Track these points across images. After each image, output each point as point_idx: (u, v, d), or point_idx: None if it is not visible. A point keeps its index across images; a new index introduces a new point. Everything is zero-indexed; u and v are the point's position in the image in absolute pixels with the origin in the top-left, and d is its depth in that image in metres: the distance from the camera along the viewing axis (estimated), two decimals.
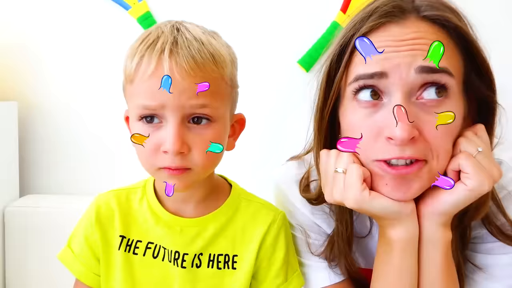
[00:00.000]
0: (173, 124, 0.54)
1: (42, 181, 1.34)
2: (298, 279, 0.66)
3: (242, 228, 0.64)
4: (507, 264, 0.61)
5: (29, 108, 1.31)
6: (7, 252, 1.20)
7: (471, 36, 0.54)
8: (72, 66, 1.31)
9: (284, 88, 1.30)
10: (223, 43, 0.61)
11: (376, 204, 0.54)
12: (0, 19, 1.28)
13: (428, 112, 0.51)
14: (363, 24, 0.54)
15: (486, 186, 0.50)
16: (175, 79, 0.53)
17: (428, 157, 0.51)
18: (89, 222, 0.64)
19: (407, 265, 0.56)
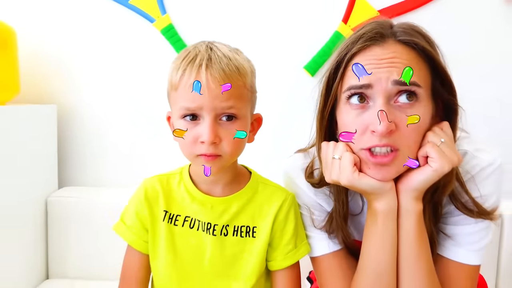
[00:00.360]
0: (208, 121, 0.69)
1: (77, 175, 1.49)
2: (305, 247, 0.80)
3: (259, 206, 0.79)
4: (470, 233, 0.75)
5: (67, 110, 1.46)
6: (49, 235, 1.36)
7: (435, 55, 0.69)
8: (103, 73, 1.46)
9: (292, 91, 1.44)
10: (244, 58, 0.76)
11: (363, 182, 0.69)
12: (41, 33, 1.43)
13: (402, 112, 0.66)
14: (353, 46, 0.69)
15: (446, 167, 0.65)
16: (210, 87, 0.67)
17: (400, 145, 0.66)
18: (139, 200, 0.79)
19: (388, 230, 0.70)
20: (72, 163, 1.48)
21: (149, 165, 1.47)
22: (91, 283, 1.33)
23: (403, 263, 0.71)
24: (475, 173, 0.75)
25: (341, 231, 0.80)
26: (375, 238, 0.72)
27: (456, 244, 0.76)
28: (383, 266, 0.71)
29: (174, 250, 0.77)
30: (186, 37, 1.43)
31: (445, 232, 0.77)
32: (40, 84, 1.45)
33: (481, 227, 0.75)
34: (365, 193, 0.71)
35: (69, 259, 1.36)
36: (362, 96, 0.68)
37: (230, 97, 0.69)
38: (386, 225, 0.70)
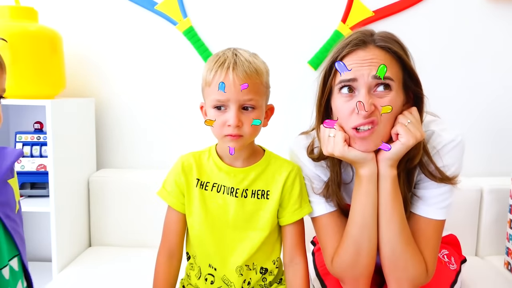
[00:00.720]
0: (233, 110, 0.89)
1: (112, 159, 1.71)
2: (308, 207, 1.01)
3: (272, 174, 0.99)
4: (436, 195, 0.95)
5: (103, 103, 1.68)
6: (91, 209, 1.59)
7: (405, 57, 0.89)
8: (133, 70, 1.67)
9: (298, 83, 1.64)
10: (261, 61, 0.96)
11: (351, 154, 0.89)
12: (82, 38, 1.64)
13: (380, 98, 0.87)
14: (343, 50, 0.90)
15: (411, 142, 0.86)
16: (235, 84, 0.88)
17: (378, 122, 0.87)
18: (177, 171, 1.00)
19: (370, 190, 0.91)
20: (107, 148, 1.70)
21: (172, 149, 1.68)
22: (126, 250, 1.55)
23: (381, 216, 0.92)
24: (440, 148, 0.95)
25: (336, 196, 1.01)
26: (360, 197, 0.93)
27: (425, 204, 0.96)
28: (366, 218, 0.93)
29: (205, 209, 0.98)
30: (204, 38, 1.63)
31: (417, 194, 0.97)
32: (82, 81, 1.66)
33: (445, 190, 0.95)
34: (353, 162, 0.92)
35: (107, 229, 1.59)
36: (350, 87, 0.89)
37: (249, 92, 0.90)
38: (369, 186, 0.91)
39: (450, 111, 1.62)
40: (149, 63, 1.67)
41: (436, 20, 1.61)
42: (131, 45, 1.66)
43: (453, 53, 1.62)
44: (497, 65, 1.62)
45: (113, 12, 1.64)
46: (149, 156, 1.70)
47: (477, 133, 1.64)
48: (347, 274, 0.96)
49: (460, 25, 1.61)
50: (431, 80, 1.61)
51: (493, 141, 1.64)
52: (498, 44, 1.61)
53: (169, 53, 1.66)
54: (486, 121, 1.64)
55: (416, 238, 0.96)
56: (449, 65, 1.63)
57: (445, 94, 1.63)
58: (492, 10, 1.59)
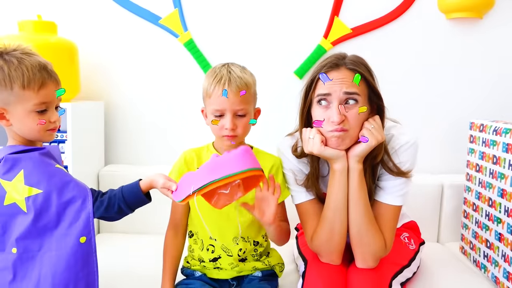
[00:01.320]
0: (229, 117, 1.12)
1: (119, 155, 1.91)
2: (287, 192, 1.23)
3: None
4: (394, 185, 1.16)
5: (112, 105, 1.88)
6: None
7: (369, 78, 1.11)
8: (139, 77, 1.87)
9: (284, 90, 1.86)
10: (249, 74, 1.18)
11: (327, 152, 1.11)
12: (95, 48, 1.83)
13: (349, 109, 1.09)
14: (320, 70, 1.12)
15: (373, 142, 1.08)
16: (230, 97, 1.10)
17: (348, 128, 1.08)
18: (181, 163, 1.22)
19: (341, 181, 1.13)
20: (114, 145, 1.91)
21: (171, 146, 1.89)
22: (134, 236, 1.74)
23: (350, 203, 1.15)
24: (397, 148, 1.17)
25: (314, 187, 1.23)
26: (334, 186, 1.15)
27: (385, 193, 1.18)
28: (338, 204, 1.14)
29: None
30: (203, 49, 1.85)
31: (380, 186, 1.19)
32: (93, 86, 1.86)
33: (401, 182, 1.17)
34: (328, 159, 1.15)
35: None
36: (326, 100, 1.11)
37: (241, 103, 1.12)
38: (340, 178, 1.14)
39: (416, 116, 1.86)
40: (153, 71, 1.88)
41: (405, 37, 1.85)
42: (138, 54, 1.87)
43: (418, 65, 1.86)
44: (456, 75, 1.87)
45: (122, 26, 1.85)
46: (150, 153, 1.91)
47: (439, 137, 1.89)
48: (323, 249, 1.18)
49: (425, 41, 1.85)
50: (399, 88, 1.85)
51: (452, 143, 1.88)
52: (456, 57, 1.86)
53: (171, 62, 1.87)
54: (447, 126, 1.88)
55: (378, 220, 1.18)
56: (415, 75, 1.87)
57: (411, 100, 1.87)
58: (452, 28, 1.84)
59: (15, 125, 1.02)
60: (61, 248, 1.00)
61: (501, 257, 1.34)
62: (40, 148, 1.05)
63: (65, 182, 1.02)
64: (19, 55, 1.01)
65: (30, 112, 1.00)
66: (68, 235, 1.00)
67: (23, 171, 1.00)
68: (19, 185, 1.00)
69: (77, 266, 1.00)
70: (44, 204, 0.99)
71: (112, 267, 1.46)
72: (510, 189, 1.30)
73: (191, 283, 1.19)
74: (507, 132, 1.32)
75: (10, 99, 0.99)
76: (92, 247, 1.02)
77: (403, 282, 1.26)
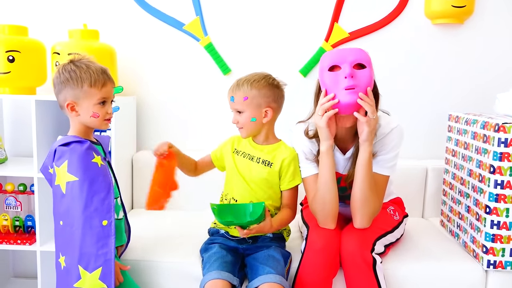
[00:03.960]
0: (234, 114, 1.43)
1: (148, 143, 2.20)
2: (298, 179, 1.49)
3: (278, 154, 1.48)
4: (383, 160, 1.43)
5: (142, 100, 2.18)
6: (134, 180, 2.10)
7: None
8: (166, 75, 2.16)
9: (291, 86, 2.11)
10: (256, 87, 1.43)
11: (322, 131, 1.39)
12: (129, 51, 2.12)
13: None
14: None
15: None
16: (236, 99, 1.42)
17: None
18: (228, 141, 1.57)
19: (328, 160, 1.39)
20: (145, 135, 2.21)
21: (193, 136, 2.19)
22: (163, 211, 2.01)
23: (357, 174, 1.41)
24: (387, 133, 1.44)
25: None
26: (321, 164, 1.43)
27: (379, 165, 1.44)
28: (326, 179, 1.41)
29: (235, 166, 1.52)
30: (221, 51, 2.13)
31: (373, 160, 1.45)
32: (128, 83, 2.16)
33: (390, 157, 1.44)
34: (321, 139, 1.43)
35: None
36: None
37: (238, 104, 1.44)
38: (327, 157, 1.41)
39: (404, 109, 2.14)
40: (178, 70, 2.17)
41: (396, 39, 2.12)
42: (164, 56, 2.16)
43: (407, 64, 2.13)
44: (439, 73, 2.14)
45: (152, 32, 2.14)
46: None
47: (424, 127, 2.16)
48: (319, 215, 1.47)
49: (413, 43, 2.12)
50: (390, 84, 2.11)
51: (435, 133, 2.14)
52: (440, 57, 2.13)
53: (193, 62, 2.16)
54: (431, 117, 2.16)
55: None
56: (404, 72, 2.14)
57: (400, 95, 2.13)
58: (436, 32, 2.11)
59: (82, 115, 1.30)
60: (88, 227, 1.23)
61: (469, 226, 1.63)
62: (86, 141, 1.29)
63: (96, 175, 1.26)
64: (87, 62, 1.31)
65: (94, 105, 1.29)
66: (93, 218, 1.24)
67: (67, 161, 1.25)
68: (63, 172, 1.25)
69: (99, 244, 1.23)
70: (79, 190, 1.23)
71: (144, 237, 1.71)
72: (476, 169, 1.58)
73: (215, 239, 1.51)
74: (474, 122, 1.61)
75: (79, 95, 1.28)
76: (111, 230, 1.25)
77: (387, 244, 1.54)
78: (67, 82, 1.28)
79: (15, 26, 1.83)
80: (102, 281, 1.23)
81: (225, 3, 2.11)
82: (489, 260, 1.50)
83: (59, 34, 1.99)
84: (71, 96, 1.29)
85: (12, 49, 1.78)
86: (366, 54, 1.39)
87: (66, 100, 1.29)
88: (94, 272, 1.22)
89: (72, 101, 1.29)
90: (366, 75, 1.35)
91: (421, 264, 1.54)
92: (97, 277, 1.22)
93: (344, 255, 1.41)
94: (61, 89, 1.29)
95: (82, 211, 1.23)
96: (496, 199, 1.47)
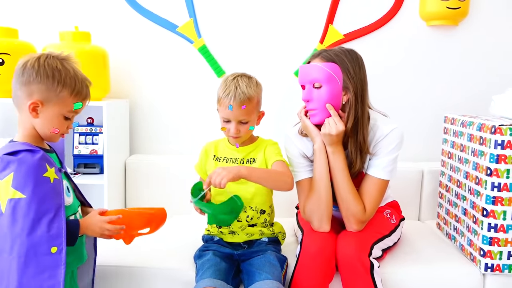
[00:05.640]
0: (234, 125, 1.39)
1: (141, 146, 2.18)
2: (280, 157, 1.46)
3: (258, 149, 1.47)
4: (380, 163, 1.42)
5: (135, 103, 2.15)
6: (127, 183, 2.07)
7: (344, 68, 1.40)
8: (160, 78, 2.13)
9: (285, 89, 2.12)
10: (254, 85, 1.41)
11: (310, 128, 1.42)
12: (121, 53, 2.09)
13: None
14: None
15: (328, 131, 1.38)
16: (234, 108, 1.35)
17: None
18: (202, 154, 1.51)
19: (321, 157, 1.41)
20: (137, 138, 2.18)
21: (186, 139, 2.17)
22: None
23: (332, 176, 1.42)
24: (385, 136, 1.43)
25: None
26: (316, 161, 1.43)
27: (376, 169, 1.43)
28: (321, 175, 1.42)
29: None
30: (215, 53, 2.11)
31: (371, 162, 1.45)
32: (120, 86, 2.13)
33: (388, 160, 1.42)
34: (311, 138, 1.45)
35: (140, 199, 2.06)
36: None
37: (244, 114, 1.39)
38: (320, 155, 1.42)
39: (400, 112, 2.12)
40: (171, 73, 2.14)
41: (391, 41, 2.12)
42: (158, 59, 2.13)
43: (402, 66, 2.13)
44: (434, 75, 2.13)
45: (145, 34, 2.12)
46: (167, 144, 2.19)
47: (420, 129, 2.16)
48: (314, 216, 1.45)
49: (408, 45, 2.12)
50: (386, 87, 2.11)
51: (431, 135, 2.14)
52: (435, 59, 2.13)
53: (187, 65, 2.14)
54: (427, 119, 2.15)
55: (364, 189, 1.45)
56: (400, 75, 2.14)
57: (396, 98, 2.13)
58: (431, 34, 2.11)
59: (40, 120, 1.10)
60: (32, 255, 1.01)
61: (465, 228, 1.62)
62: (38, 150, 1.08)
63: (47, 193, 1.05)
64: (74, 66, 1.14)
65: (59, 115, 1.11)
66: (40, 244, 1.02)
67: (13, 173, 1.03)
68: (6, 186, 1.03)
69: (44, 275, 1.01)
70: (25, 209, 1.01)
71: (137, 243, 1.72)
72: (472, 171, 1.57)
73: (209, 246, 1.48)
74: (470, 124, 1.60)
75: (52, 99, 1.08)
76: (61, 259, 1.03)
77: (384, 249, 1.53)
78: (45, 78, 1.08)
79: (5, 28, 1.80)
80: None
81: (219, 5, 2.10)
82: (487, 263, 1.49)
83: (50, 37, 1.97)
84: (40, 95, 1.08)
85: (2, 51, 1.75)
86: (322, 70, 1.38)
87: (31, 96, 1.08)
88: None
89: (39, 100, 1.08)
90: (322, 95, 1.39)
91: (419, 268, 1.52)
92: None
93: (341, 260, 1.39)
94: (32, 82, 1.08)
95: (26, 235, 1.01)
96: (493, 202, 1.46)
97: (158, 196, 2.04)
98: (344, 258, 1.38)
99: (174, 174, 2.02)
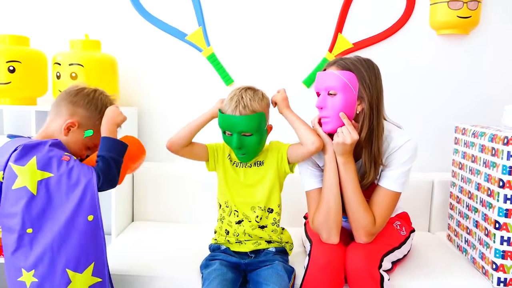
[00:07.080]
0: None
1: (149, 153, 2.16)
2: None
3: (268, 154, 1.47)
4: (392, 175, 1.40)
5: (144, 111, 2.16)
6: (135, 194, 2.06)
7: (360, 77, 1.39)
8: (168, 85, 2.14)
9: (294, 98, 2.10)
10: (259, 99, 1.39)
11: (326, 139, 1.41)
12: (130, 61, 2.10)
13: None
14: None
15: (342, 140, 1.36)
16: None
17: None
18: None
19: (332, 166, 1.39)
20: (145, 146, 2.11)
21: None
22: (163, 224, 2.01)
23: (342, 187, 1.40)
24: (399, 147, 1.41)
25: None
26: (326, 170, 1.41)
27: (388, 180, 1.41)
28: (331, 183, 1.39)
29: (228, 174, 1.49)
30: (224, 62, 2.12)
31: (384, 174, 1.43)
32: (129, 94, 2.14)
33: (401, 171, 1.41)
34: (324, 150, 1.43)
35: (148, 208, 2.05)
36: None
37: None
38: (330, 163, 1.41)
39: (410, 121, 2.10)
40: (180, 81, 2.15)
41: (400, 50, 2.10)
42: (167, 67, 2.14)
43: (413, 76, 2.11)
44: (445, 84, 2.11)
45: (154, 42, 2.13)
46: None
47: (430, 139, 2.13)
48: (322, 228, 1.43)
49: (418, 54, 2.10)
50: (396, 97, 2.09)
51: (441, 145, 2.12)
52: (445, 68, 2.11)
53: (196, 73, 2.14)
54: (437, 130, 2.13)
55: (374, 201, 1.43)
56: (410, 85, 2.12)
57: (407, 108, 2.12)
58: (442, 43, 2.09)
59: (68, 139, 1.23)
60: (73, 227, 1.11)
61: (477, 241, 1.59)
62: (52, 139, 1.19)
63: (72, 167, 1.14)
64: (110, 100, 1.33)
65: (85, 143, 1.26)
66: (78, 215, 1.12)
67: (36, 157, 1.12)
68: (32, 169, 1.11)
69: (88, 242, 1.13)
70: (55, 185, 1.11)
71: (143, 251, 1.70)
72: (484, 183, 1.55)
73: (216, 255, 1.46)
74: (482, 135, 1.57)
75: (89, 125, 1.25)
76: (99, 224, 1.14)
77: (394, 261, 1.50)
78: (94, 109, 1.25)
79: (16, 36, 1.81)
80: (96, 276, 1.15)
81: (228, 13, 2.10)
82: (499, 277, 1.45)
83: (60, 45, 1.98)
84: (81, 119, 1.24)
85: (13, 59, 1.76)
86: (338, 79, 1.36)
87: (72, 116, 1.23)
88: (86, 271, 1.14)
89: (78, 122, 1.23)
90: (336, 103, 1.36)
91: (430, 281, 1.49)
92: (90, 274, 1.14)
93: (350, 272, 1.37)
94: (81, 106, 1.24)
95: (63, 209, 1.11)
96: (506, 214, 1.43)
97: (166, 204, 2.04)
98: (353, 271, 1.36)
99: (182, 182, 2.02)
